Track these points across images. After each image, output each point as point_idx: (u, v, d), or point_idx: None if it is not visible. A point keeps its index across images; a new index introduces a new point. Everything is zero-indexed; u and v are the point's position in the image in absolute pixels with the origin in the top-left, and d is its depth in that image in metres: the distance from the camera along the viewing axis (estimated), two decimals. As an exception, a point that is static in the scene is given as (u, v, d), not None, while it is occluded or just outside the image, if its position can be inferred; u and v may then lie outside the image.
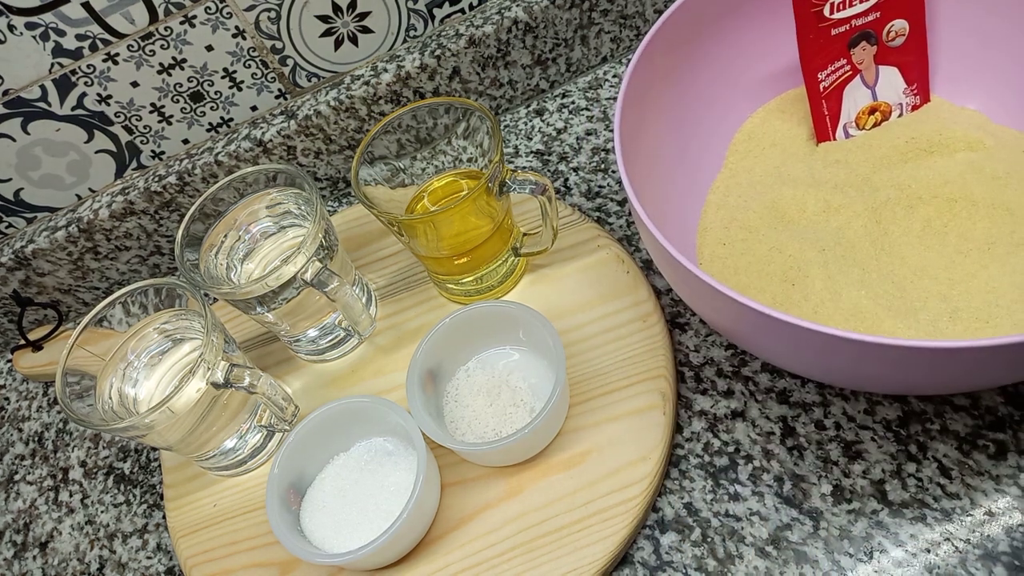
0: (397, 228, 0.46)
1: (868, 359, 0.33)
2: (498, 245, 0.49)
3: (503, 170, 0.45)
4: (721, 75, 0.50)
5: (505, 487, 0.44)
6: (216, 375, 0.42)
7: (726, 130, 0.51)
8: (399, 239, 0.48)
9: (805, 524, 0.40)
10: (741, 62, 0.50)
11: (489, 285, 0.51)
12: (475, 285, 0.51)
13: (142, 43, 0.53)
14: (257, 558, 0.46)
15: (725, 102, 0.51)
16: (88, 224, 0.60)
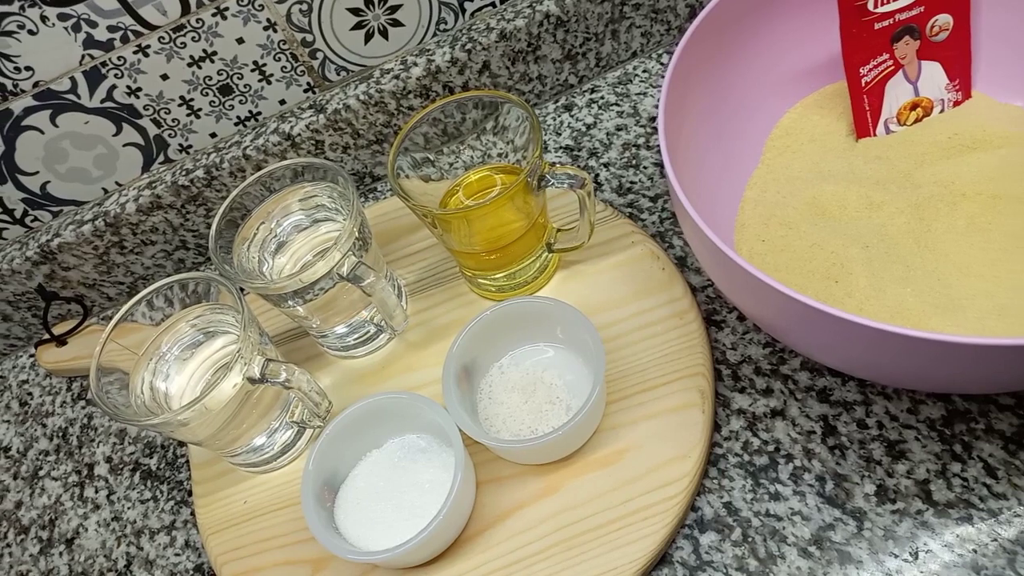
0: (431, 221, 0.45)
1: (915, 355, 0.33)
2: (532, 241, 0.49)
3: (542, 164, 0.44)
4: (758, 69, 0.49)
5: (541, 485, 0.43)
6: (252, 370, 0.42)
7: (762, 125, 0.50)
8: (432, 232, 0.48)
9: (848, 524, 0.39)
10: (778, 56, 0.49)
11: (522, 281, 0.51)
12: (507, 281, 0.51)
13: (173, 35, 0.53)
14: (289, 555, 0.45)
15: (762, 97, 0.50)
16: (115, 218, 0.59)
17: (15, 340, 0.67)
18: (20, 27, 0.50)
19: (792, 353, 0.45)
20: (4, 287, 0.62)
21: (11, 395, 0.65)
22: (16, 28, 0.50)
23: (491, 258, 0.49)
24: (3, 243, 0.63)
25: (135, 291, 0.66)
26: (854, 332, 0.33)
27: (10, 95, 0.53)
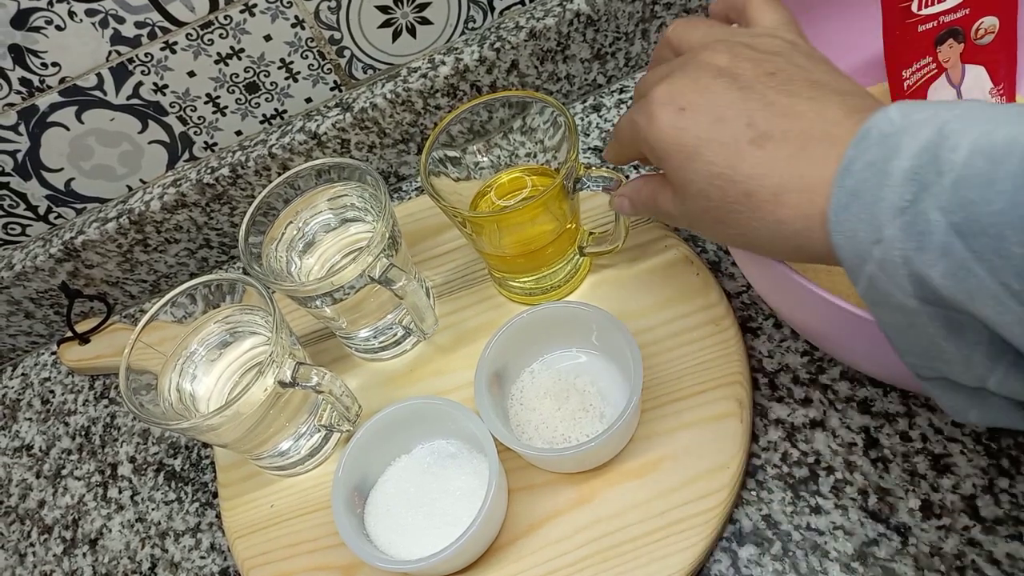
0: (462, 222, 0.44)
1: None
2: (563, 245, 0.48)
3: (577, 167, 0.43)
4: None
5: (575, 494, 0.43)
6: (284, 374, 0.41)
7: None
8: (462, 232, 0.47)
9: (893, 540, 0.39)
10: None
11: (552, 285, 0.50)
12: (537, 284, 0.50)
13: (201, 32, 0.52)
14: (318, 561, 0.45)
15: (801, 100, 0.49)
16: (139, 216, 0.59)
17: (37, 337, 0.67)
18: (48, 23, 0.49)
19: (831, 362, 0.45)
20: (27, 284, 0.61)
21: (33, 393, 0.64)
22: (44, 24, 0.49)
23: (521, 261, 0.48)
24: (27, 240, 0.62)
25: (158, 289, 0.66)
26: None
27: (36, 91, 0.53)
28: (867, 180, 0.26)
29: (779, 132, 0.30)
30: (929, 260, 0.24)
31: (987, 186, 0.22)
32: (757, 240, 0.31)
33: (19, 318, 0.64)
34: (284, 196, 0.48)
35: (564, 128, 0.45)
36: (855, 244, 0.26)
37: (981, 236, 0.23)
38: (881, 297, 0.26)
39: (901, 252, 0.24)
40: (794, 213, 0.29)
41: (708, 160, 0.31)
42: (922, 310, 0.25)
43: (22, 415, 0.63)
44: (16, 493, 0.59)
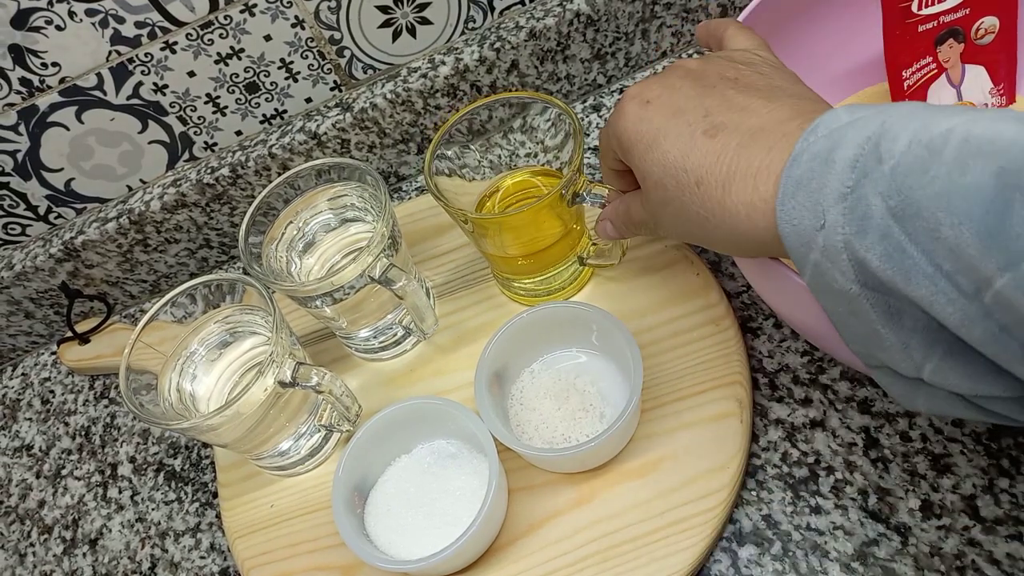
0: (464, 221, 0.45)
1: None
2: (565, 250, 0.48)
3: (580, 179, 0.43)
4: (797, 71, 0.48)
5: (575, 494, 0.43)
6: (284, 374, 0.41)
7: (801, 129, 0.49)
8: (465, 232, 0.47)
9: (893, 540, 0.39)
10: (818, 58, 0.48)
11: (555, 287, 0.50)
12: (540, 286, 0.50)
13: (201, 32, 0.52)
14: (318, 561, 0.45)
15: (801, 100, 0.49)
16: (139, 216, 0.59)
17: (37, 337, 0.67)
18: (48, 23, 0.49)
19: (831, 362, 0.45)
20: (27, 284, 0.61)
21: (33, 393, 0.64)
22: (44, 24, 0.49)
23: (525, 263, 0.48)
24: (27, 240, 0.62)
25: (158, 289, 0.66)
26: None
27: (36, 91, 0.53)
28: (813, 170, 0.26)
29: (732, 124, 0.31)
30: (868, 244, 0.25)
31: (923, 172, 0.23)
32: (711, 233, 0.32)
33: (19, 318, 0.64)
34: (284, 196, 0.48)
35: (566, 130, 0.45)
36: (800, 232, 0.27)
37: (916, 219, 0.23)
38: (825, 284, 0.27)
39: (843, 237, 0.25)
40: (741, 200, 0.30)
41: (664, 149, 0.32)
42: (862, 295, 0.26)
43: (22, 415, 0.63)
44: (16, 493, 0.59)
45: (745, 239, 0.30)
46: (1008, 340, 0.23)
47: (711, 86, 0.33)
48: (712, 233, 0.32)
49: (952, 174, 0.23)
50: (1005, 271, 0.22)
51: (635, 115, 0.34)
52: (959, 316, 0.24)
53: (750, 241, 0.30)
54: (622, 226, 0.40)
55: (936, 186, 0.23)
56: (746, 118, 0.31)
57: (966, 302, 0.23)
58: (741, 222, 0.30)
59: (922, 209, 0.23)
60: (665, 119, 0.33)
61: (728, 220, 0.30)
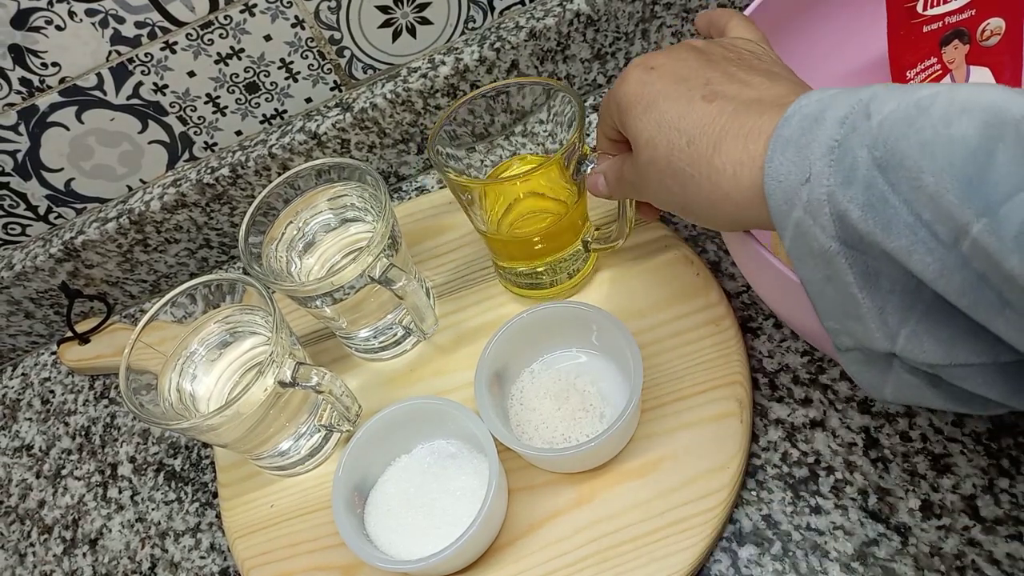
0: (468, 197, 0.44)
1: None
2: (569, 235, 0.47)
3: (582, 147, 0.43)
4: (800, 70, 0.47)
5: (575, 494, 0.42)
6: (284, 374, 0.41)
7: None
8: (468, 214, 0.47)
9: (893, 540, 0.38)
10: (821, 57, 0.48)
11: (557, 279, 0.49)
12: (546, 277, 0.49)
13: (201, 32, 0.52)
14: (318, 561, 0.45)
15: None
16: (139, 216, 0.59)
17: (37, 337, 0.67)
18: (48, 23, 0.49)
19: (831, 362, 0.45)
20: (27, 284, 0.61)
21: (33, 393, 0.64)
22: (44, 24, 0.49)
23: (524, 247, 0.47)
24: (27, 240, 0.62)
25: (158, 289, 0.66)
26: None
27: (36, 91, 0.53)
28: (803, 128, 0.27)
29: (731, 93, 0.32)
30: (851, 195, 0.25)
31: (909, 125, 0.24)
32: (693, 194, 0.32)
33: (19, 318, 0.64)
34: (284, 196, 0.48)
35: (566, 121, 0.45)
36: (785, 188, 0.27)
37: (899, 169, 0.24)
38: (805, 246, 0.28)
39: (827, 189, 0.26)
40: (730, 159, 0.30)
41: (662, 110, 0.33)
42: (841, 254, 0.27)
43: (22, 415, 0.63)
44: (16, 493, 0.59)
45: (727, 201, 0.31)
46: (985, 290, 0.23)
47: (715, 62, 0.34)
48: (694, 194, 0.32)
49: (937, 126, 0.23)
50: (982, 216, 0.22)
51: (638, 79, 0.35)
52: (937, 267, 0.24)
53: (731, 202, 0.31)
54: (613, 181, 0.41)
55: (921, 136, 0.24)
56: (746, 90, 0.32)
57: (944, 251, 0.24)
58: (726, 180, 0.30)
59: (906, 158, 0.24)
60: (666, 84, 0.34)
61: (713, 177, 0.31)
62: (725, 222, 0.33)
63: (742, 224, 0.32)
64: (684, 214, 0.35)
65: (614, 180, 0.41)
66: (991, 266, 0.22)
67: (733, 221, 0.32)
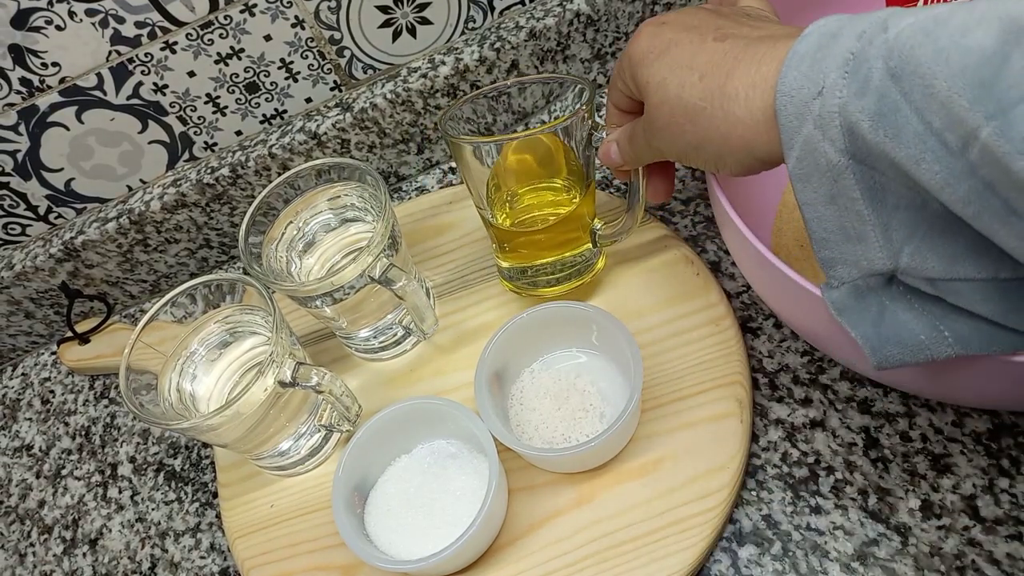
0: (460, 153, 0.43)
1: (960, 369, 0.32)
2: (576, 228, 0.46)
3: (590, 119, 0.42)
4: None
5: (575, 494, 0.42)
6: (284, 374, 0.41)
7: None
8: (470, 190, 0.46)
9: (893, 540, 0.39)
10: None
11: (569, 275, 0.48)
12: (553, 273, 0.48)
13: (201, 32, 0.52)
14: (318, 561, 0.45)
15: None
16: (139, 216, 0.59)
17: (37, 337, 0.67)
18: (48, 23, 0.49)
19: (831, 362, 0.45)
20: (27, 284, 0.61)
21: (33, 393, 0.64)
22: (44, 24, 0.49)
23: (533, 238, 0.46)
24: (27, 240, 0.62)
25: (158, 289, 0.66)
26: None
27: (36, 91, 0.53)
28: (820, 44, 0.27)
29: (743, 33, 0.33)
30: (863, 105, 0.26)
31: (926, 35, 0.24)
32: (702, 126, 0.32)
33: (19, 318, 0.64)
34: (284, 196, 0.48)
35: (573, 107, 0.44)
36: (796, 103, 0.28)
37: (913, 76, 0.24)
38: (812, 164, 0.28)
39: (840, 100, 0.26)
40: (742, 83, 0.30)
41: (673, 55, 0.34)
42: (849, 168, 0.27)
43: (22, 415, 0.63)
44: (16, 493, 0.59)
45: (739, 127, 0.31)
46: (991, 198, 0.24)
47: (725, 15, 0.35)
48: (706, 127, 0.32)
49: (954, 35, 0.23)
50: (992, 119, 0.22)
51: (649, 33, 0.36)
52: (944, 175, 0.24)
53: (744, 128, 0.31)
54: (625, 143, 0.40)
55: (937, 44, 0.24)
56: (757, 31, 0.32)
57: (951, 160, 0.24)
58: (738, 106, 0.30)
59: (920, 65, 0.24)
60: (677, 32, 0.35)
61: (726, 106, 0.31)
62: (737, 158, 0.32)
63: (753, 157, 0.31)
64: (696, 156, 0.34)
65: (626, 142, 0.40)
66: (999, 171, 0.23)
67: (745, 154, 0.31)
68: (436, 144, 0.62)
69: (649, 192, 0.44)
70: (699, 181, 0.55)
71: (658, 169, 0.43)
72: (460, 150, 0.43)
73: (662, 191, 0.45)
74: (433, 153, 0.63)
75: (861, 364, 0.39)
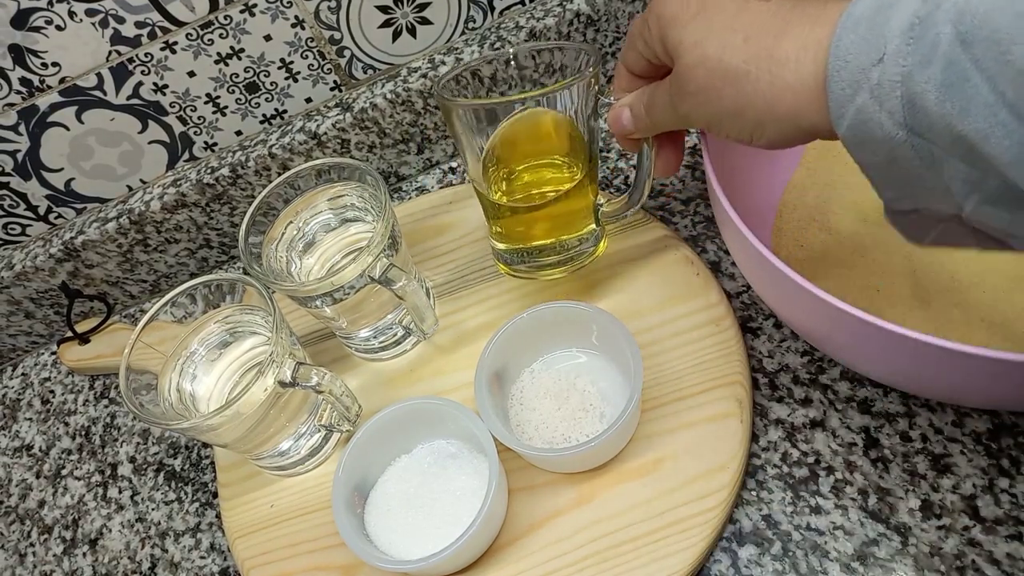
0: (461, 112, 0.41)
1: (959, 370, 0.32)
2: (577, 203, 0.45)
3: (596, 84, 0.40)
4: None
5: (575, 494, 0.42)
6: (284, 374, 0.41)
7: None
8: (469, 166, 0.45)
9: (893, 540, 0.38)
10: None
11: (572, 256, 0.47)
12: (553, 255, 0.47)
13: (201, 32, 0.52)
14: (318, 561, 0.45)
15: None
16: (139, 216, 0.59)
17: (37, 337, 0.67)
18: (48, 23, 0.49)
19: (831, 362, 0.45)
20: (27, 284, 0.61)
21: (33, 393, 0.64)
22: (44, 24, 0.49)
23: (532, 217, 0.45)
24: (27, 240, 0.62)
25: (158, 289, 0.66)
26: (896, 344, 0.32)
27: (36, 91, 0.52)
28: (878, 7, 0.26)
29: None
30: (929, 75, 0.24)
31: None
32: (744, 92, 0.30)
33: (19, 318, 0.64)
34: (284, 196, 0.48)
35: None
36: (851, 70, 0.26)
37: (984, 43, 0.23)
38: (866, 133, 0.26)
39: (902, 69, 0.24)
40: (793, 45, 0.28)
41: (712, 15, 0.31)
42: (908, 142, 0.25)
43: (22, 415, 0.63)
44: (16, 493, 0.59)
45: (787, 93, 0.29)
46: None
47: None
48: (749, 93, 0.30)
49: None
50: None
51: None
52: (1016, 151, 0.23)
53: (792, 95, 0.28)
54: (642, 110, 0.38)
55: (1016, 7, 0.22)
56: None
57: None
58: (788, 71, 0.28)
59: (997, 30, 0.22)
60: None
61: (774, 70, 0.29)
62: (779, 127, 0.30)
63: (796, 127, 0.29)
64: (731, 124, 0.32)
65: (644, 108, 0.37)
66: None
67: (789, 122, 0.30)
68: (436, 144, 0.62)
69: (658, 165, 0.42)
70: (699, 181, 0.55)
71: (669, 139, 0.41)
72: (454, 115, 0.41)
73: (672, 163, 0.42)
74: (433, 153, 0.63)
75: (861, 364, 0.39)
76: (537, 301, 0.50)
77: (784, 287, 0.35)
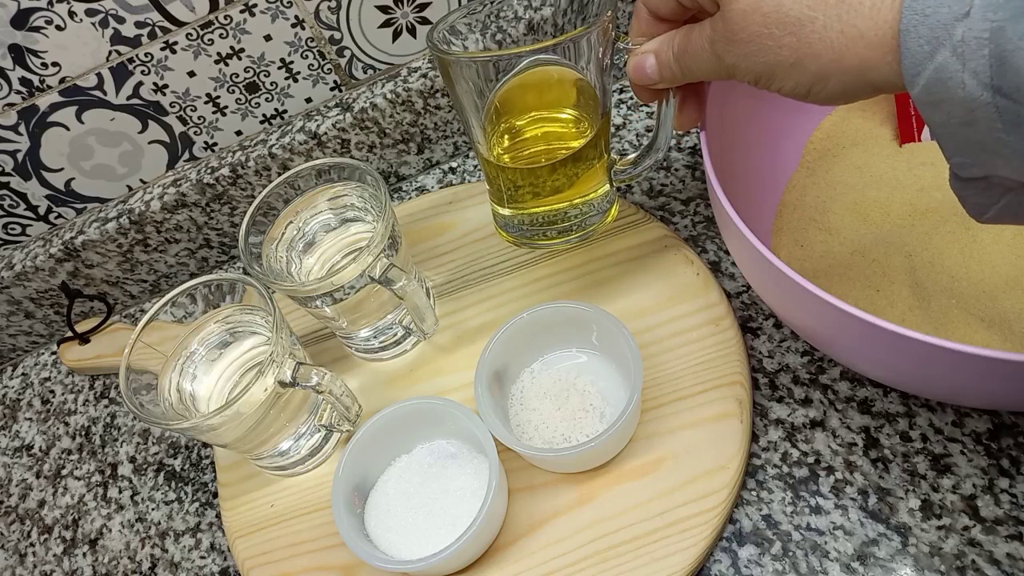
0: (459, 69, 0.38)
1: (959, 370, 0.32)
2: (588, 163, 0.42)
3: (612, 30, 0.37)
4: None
5: (575, 494, 0.42)
6: (284, 374, 0.41)
7: (803, 127, 0.49)
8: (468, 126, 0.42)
9: (893, 540, 0.39)
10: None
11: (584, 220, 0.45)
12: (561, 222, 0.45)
13: (201, 32, 0.52)
14: (318, 561, 0.45)
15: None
16: (139, 216, 0.59)
17: (37, 337, 0.67)
18: (48, 23, 0.49)
19: (831, 362, 0.45)
20: (27, 284, 0.61)
21: (33, 393, 0.64)
22: (44, 24, 0.49)
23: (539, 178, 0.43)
24: (27, 240, 0.62)
25: (158, 289, 0.66)
26: (896, 344, 0.32)
27: (36, 91, 0.53)
28: None
29: None
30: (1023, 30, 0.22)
31: None
32: (806, 41, 0.27)
33: (19, 318, 0.64)
34: (284, 196, 0.48)
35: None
36: (930, 25, 0.24)
37: None
38: (945, 92, 0.24)
39: (992, 24, 0.23)
40: None
41: None
42: (991, 103, 0.24)
43: (22, 415, 0.63)
44: (16, 493, 0.59)
45: (859, 43, 0.26)
46: None
47: None
48: (814, 41, 0.27)
49: None
50: None
51: None
52: None
53: (863, 45, 0.26)
54: (671, 57, 0.34)
55: None
56: None
57: None
58: (860, 19, 0.26)
59: None
60: None
61: (844, 16, 0.26)
62: (844, 80, 0.28)
63: (864, 80, 0.27)
64: (787, 77, 0.29)
65: (673, 56, 0.34)
66: None
67: (856, 76, 0.27)
68: (436, 144, 0.62)
69: (679, 117, 0.39)
70: (699, 181, 0.55)
71: (691, 89, 0.38)
72: (451, 69, 0.38)
73: (694, 115, 0.39)
74: (433, 153, 0.63)
75: (861, 364, 0.39)
76: (537, 301, 0.50)
77: (784, 287, 0.35)
